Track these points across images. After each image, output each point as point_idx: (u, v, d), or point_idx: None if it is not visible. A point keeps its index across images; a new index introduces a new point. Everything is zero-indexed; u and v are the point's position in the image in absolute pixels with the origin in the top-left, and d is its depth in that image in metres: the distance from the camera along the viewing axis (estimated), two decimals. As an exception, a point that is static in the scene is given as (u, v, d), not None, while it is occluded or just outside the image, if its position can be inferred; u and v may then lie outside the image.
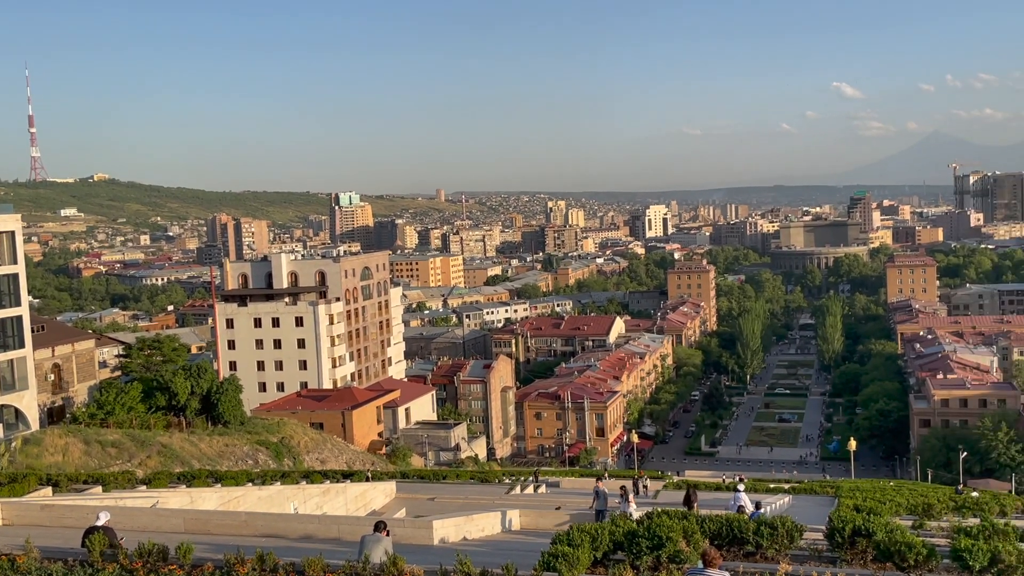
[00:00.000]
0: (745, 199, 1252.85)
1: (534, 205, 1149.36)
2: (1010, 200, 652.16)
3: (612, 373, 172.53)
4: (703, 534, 23.29)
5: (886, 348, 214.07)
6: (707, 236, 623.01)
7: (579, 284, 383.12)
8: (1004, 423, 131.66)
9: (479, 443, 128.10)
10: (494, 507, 43.91)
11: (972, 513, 44.83)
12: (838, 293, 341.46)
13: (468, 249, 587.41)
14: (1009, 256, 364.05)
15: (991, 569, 20.92)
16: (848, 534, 23.35)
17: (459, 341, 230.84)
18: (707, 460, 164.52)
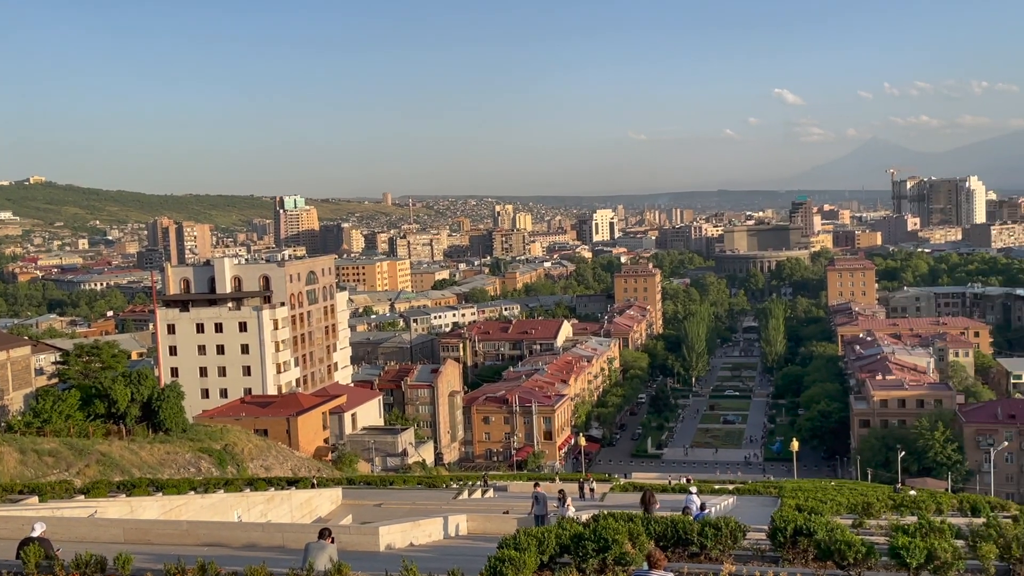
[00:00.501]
0: (690, 204, 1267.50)
1: (482, 209, 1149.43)
2: (945, 205, 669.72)
3: (560, 377, 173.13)
4: (649, 536, 23.46)
5: (827, 350, 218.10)
6: (653, 240, 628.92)
7: (527, 288, 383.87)
8: (940, 423, 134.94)
9: (427, 448, 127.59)
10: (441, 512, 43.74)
11: (910, 511, 45.78)
12: (780, 296, 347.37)
13: (415, 253, 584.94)
14: (944, 260, 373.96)
15: (927, 566, 21.40)
16: (790, 534, 23.72)
17: (406, 346, 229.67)
18: (654, 462, 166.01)
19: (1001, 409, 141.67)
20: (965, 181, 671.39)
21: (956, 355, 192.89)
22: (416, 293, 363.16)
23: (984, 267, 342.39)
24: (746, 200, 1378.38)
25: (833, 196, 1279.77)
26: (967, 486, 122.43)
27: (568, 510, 37.99)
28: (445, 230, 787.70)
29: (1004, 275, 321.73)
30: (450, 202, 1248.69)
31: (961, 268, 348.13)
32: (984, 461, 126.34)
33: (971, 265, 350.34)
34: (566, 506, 38.77)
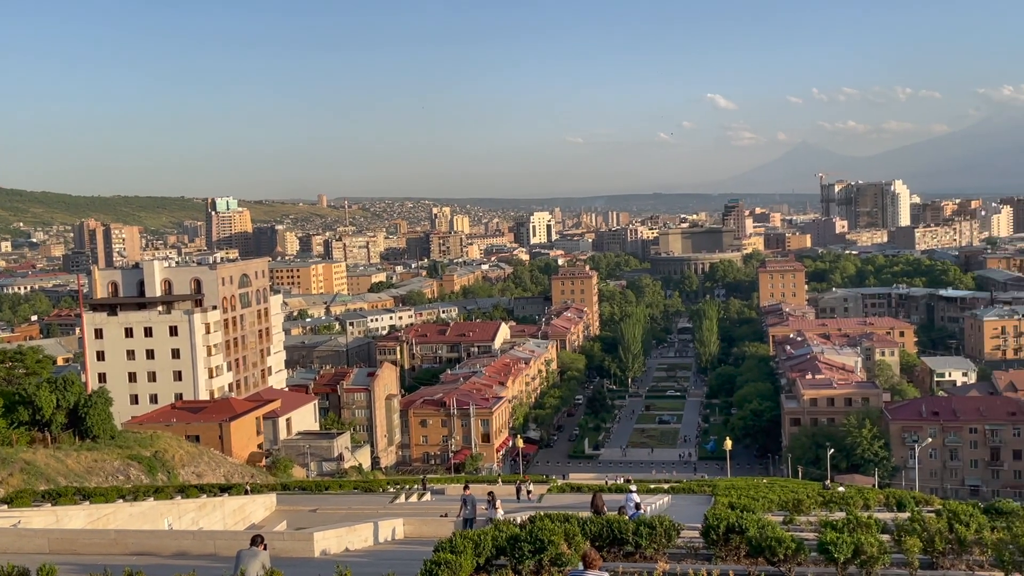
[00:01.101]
0: (626, 206, 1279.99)
1: (419, 211, 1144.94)
2: (872, 208, 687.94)
3: (497, 379, 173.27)
4: (584, 536, 23.63)
5: (759, 350, 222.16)
6: (590, 243, 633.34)
7: (464, 290, 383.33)
8: (868, 420, 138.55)
9: (363, 452, 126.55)
10: (378, 517, 43.42)
11: (839, 508, 46.83)
12: (714, 297, 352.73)
13: (351, 256, 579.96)
14: (871, 261, 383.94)
15: (854, 560, 21.96)
16: (723, 531, 24.11)
17: (342, 349, 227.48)
18: (591, 463, 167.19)
19: (925, 406, 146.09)
20: (890, 185, 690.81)
21: (882, 354, 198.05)
22: (352, 296, 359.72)
23: (909, 268, 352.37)
24: (681, 203, 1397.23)
25: (764, 199, 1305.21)
26: (893, 482, 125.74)
27: (497, 512, 37.84)
28: (382, 232, 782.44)
29: (927, 276, 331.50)
30: (387, 204, 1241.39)
31: (887, 269, 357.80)
32: (909, 457, 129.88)
33: (896, 267, 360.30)
34: (495, 508, 38.59)
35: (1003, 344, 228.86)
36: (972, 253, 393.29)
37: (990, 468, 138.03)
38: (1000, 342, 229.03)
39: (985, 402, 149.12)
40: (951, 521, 26.91)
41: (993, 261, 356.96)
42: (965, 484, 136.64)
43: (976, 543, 25.21)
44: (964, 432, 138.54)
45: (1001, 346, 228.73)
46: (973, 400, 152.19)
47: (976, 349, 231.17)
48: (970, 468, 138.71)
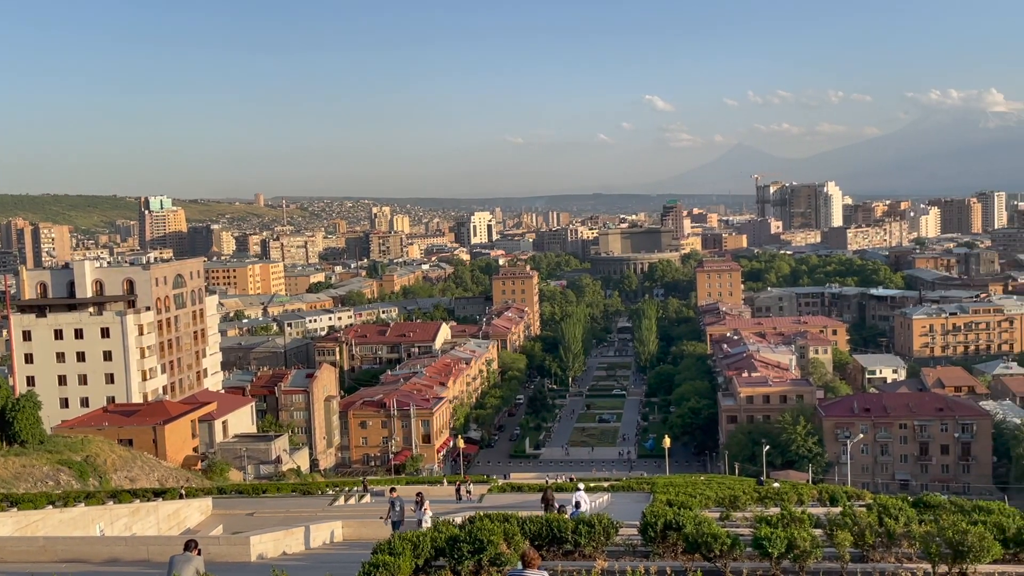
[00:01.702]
0: (566, 206, 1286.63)
1: (358, 211, 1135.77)
2: (805, 209, 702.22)
3: (438, 379, 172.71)
4: (524, 535, 23.68)
5: (697, 349, 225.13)
6: (530, 242, 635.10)
7: (405, 291, 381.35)
8: (802, 417, 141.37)
9: (302, 454, 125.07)
10: (316, 519, 43.06)
11: (774, 503, 47.67)
12: (653, 297, 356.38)
13: (289, 256, 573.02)
14: (805, 261, 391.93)
15: (788, 555, 22.37)
16: (660, 528, 24.37)
17: (280, 350, 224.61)
18: (531, 462, 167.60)
19: (857, 403, 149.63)
20: (823, 186, 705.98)
21: (816, 352, 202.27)
22: (290, 296, 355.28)
23: (841, 268, 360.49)
24: (620, 203, 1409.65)
25: (702, 200, 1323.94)
26: (827, 477, 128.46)
27: (426, 514, 37.55)
28: (320, 232, 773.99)
29: (859, 276, 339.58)
30: (325, 203, 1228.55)
31: (820, 269, 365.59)
32: (842, 453, 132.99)
33: (829, 266, 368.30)
34: (424, 510, 38.20)
35: (931, 342, 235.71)
36: (902, 253, 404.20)
37: (919, 463, 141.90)
38: (928, 340, 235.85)
39: (914, 398, 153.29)
40: (881, 515, 27.59)
41: (922, 261, 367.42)
42: (895, 479, 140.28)
43: (905, 536, 25.87)
44: (894, 428, 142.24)
45: (929, 344, 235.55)
46: (903, 396, 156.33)
47: (905, 347, 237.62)
48: (900, 463, 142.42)
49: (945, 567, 23.17)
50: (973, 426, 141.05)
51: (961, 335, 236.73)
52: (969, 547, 22.57)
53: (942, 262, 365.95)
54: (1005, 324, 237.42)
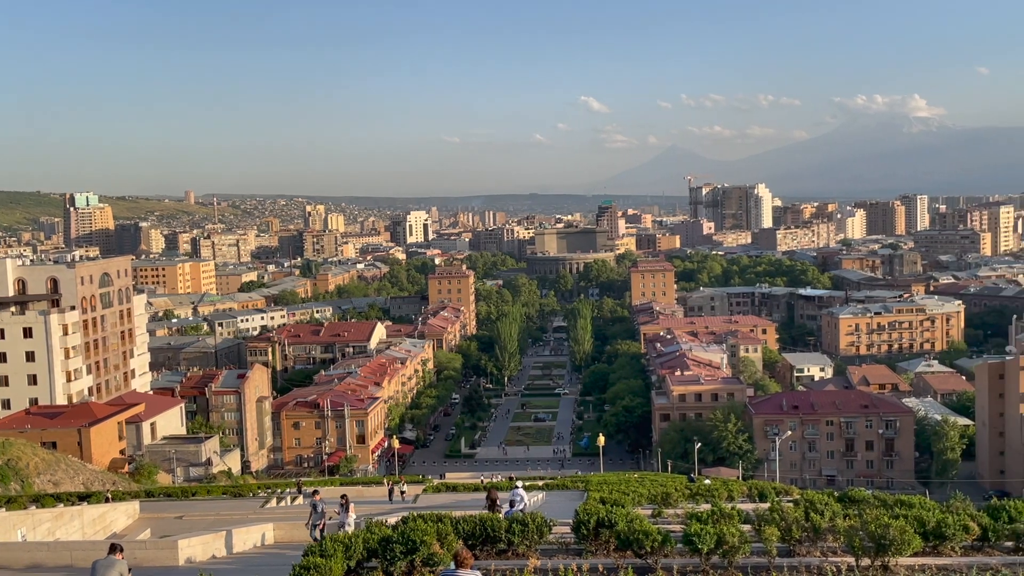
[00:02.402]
0: (503, 206, 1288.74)
1: (292, 209, 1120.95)
2: (737, 211, 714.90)
3: (373, 379, 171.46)
4: (457, 535, 23.63)
5: (631, 348, 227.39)
6: (467, 242, 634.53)
7: (339, 290, 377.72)
8: (733, 415, 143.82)
9: (233, 456, 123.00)
10: (247, 522, 42.39)
11: (705, 499, 48.43)
12: (588, 297, 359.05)
13: (221, 254, 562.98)
14: (736, 262, 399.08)
15: (717, 550, 22.74)
16: (593, 526, 24.55)
17: (211, 350, 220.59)
18: (467, 462, 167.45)
19: (786, 401, 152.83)
20: (754, 188, 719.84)
21: (746, 351, 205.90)
22: (221, 296, 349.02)
23: (771, 269, 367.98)
24: (556, 203, 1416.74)
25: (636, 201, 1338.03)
26: (756, 473, 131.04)
27: (349, 517, 36.95)
28: (253, 231, 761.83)
29: (788, 276, 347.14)
30: (258, 202, 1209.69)
31: (751, 270, 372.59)
32: (771, 449, 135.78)
33: (759, 267, 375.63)
34: (347, 513, 37.55)
35: (857, 340, 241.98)
36: (829, 254, 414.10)
37: (845, 458, 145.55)
38: (854, 339, 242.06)
39: (840, 396, 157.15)
40: (807, 510, 28.21)
41: (848, 262, 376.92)
42: (822, 474, 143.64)
43: (830, 530, 26.51)
44: (821, 425, 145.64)
45: (855, 342, 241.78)
46: (829, 394, 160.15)
47: (832, 345, 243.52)
48: (827, 459, 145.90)
49: (868, 560, 23.79)
50: (896, 423, 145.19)
51: (885, 334, 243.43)
52: (891, 540, 23.22)
53: (867, 263, 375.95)
54: (927, 323, 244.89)
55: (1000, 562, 25.17)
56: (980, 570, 23.38)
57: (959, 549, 26.71)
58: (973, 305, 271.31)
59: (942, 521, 26.81)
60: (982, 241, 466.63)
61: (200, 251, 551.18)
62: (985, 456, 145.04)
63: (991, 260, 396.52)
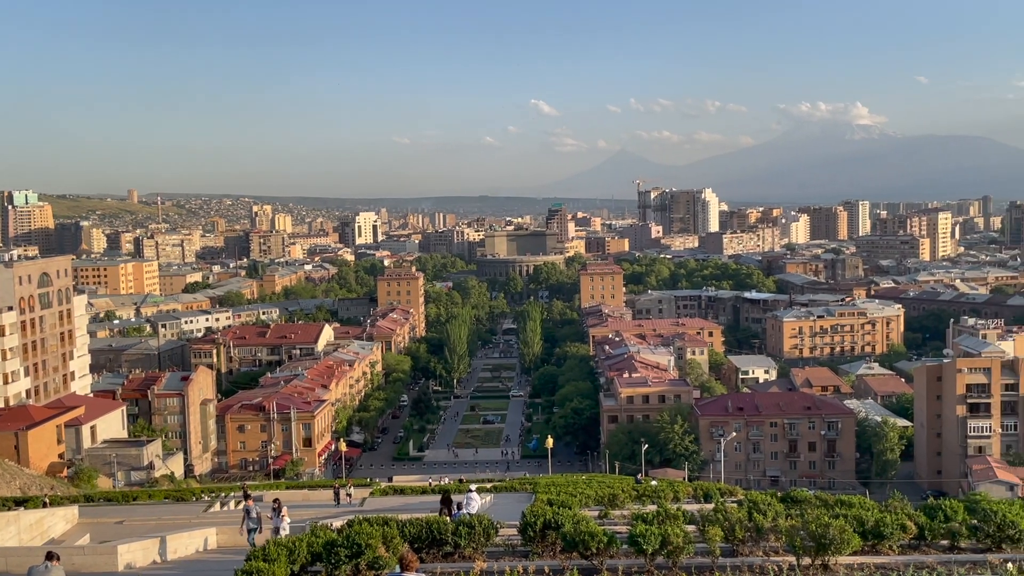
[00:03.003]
0: (453, 208, 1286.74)
1: (238, 209, 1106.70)
2: (684, 215, 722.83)
3: (320, 382, 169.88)
4: (403, 538, 23.51)
5: (580, 350, 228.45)
6: (416, 244, 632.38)
7: (286, 291, 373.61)
8: (679, 416, 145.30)
9: (176, 460, 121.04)
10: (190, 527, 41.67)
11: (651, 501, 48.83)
12: (538, 299, 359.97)
13: (165, 254, 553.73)
14: (683, 265, 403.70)
15: (662, 551, 22.95)
16: (539, 528, 24.61)
17: (154, 352, 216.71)
18: (415, 464, 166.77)
19: (731, 402, 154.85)
20: (701, 193, 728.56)
21: (693, 353, 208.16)
22: (165, 297, 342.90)
23: (717, 272, 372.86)
24: (506, 206, 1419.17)
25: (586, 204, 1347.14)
26: (702, 474, 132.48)
27: (283, 521, 36.17)
28: (198, 230, 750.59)
29: (734, 279, 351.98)
30: (203, 201, 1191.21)
31: (697, 273, 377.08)
32: (717, 450, 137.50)
33: (706, 270, 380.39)
34: (281, 517, 36.71)
35: (800, 343, 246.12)
36: (774, 258, 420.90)
37: (788, 459, 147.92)
38: (798, 341, 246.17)
39: (784, 398, 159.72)
40: (751, 510, 28.61)
41: (792, 266, 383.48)
42: (766, 475, 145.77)
43: (772, 530, 26.91)
44: (765, 426, 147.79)
45: (799, 345, 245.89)
46: (773, 396, 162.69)
47: (776, 348, 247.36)
48: (771, 460, 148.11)
49: (809, 559, 24.21)
50: (838, 424, 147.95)
51: (828, 337, 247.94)
52: (831, 540, 23.66)
53: (811, 267, 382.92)
54: (868, 326, 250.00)
55: (936, 560, 25.79)
56: (916, 568, 23.92)
57: (897, 548, 27.31)
58: (912, 309, 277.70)
59: (880, 520, 27.39)
60: (921, 246, 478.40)
61: (143, 251, 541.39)
62: (923, 456, 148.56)
63: (930, 265, 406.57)
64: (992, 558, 25.91)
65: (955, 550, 28.02)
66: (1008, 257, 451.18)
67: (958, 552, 27.69)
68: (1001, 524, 27.99)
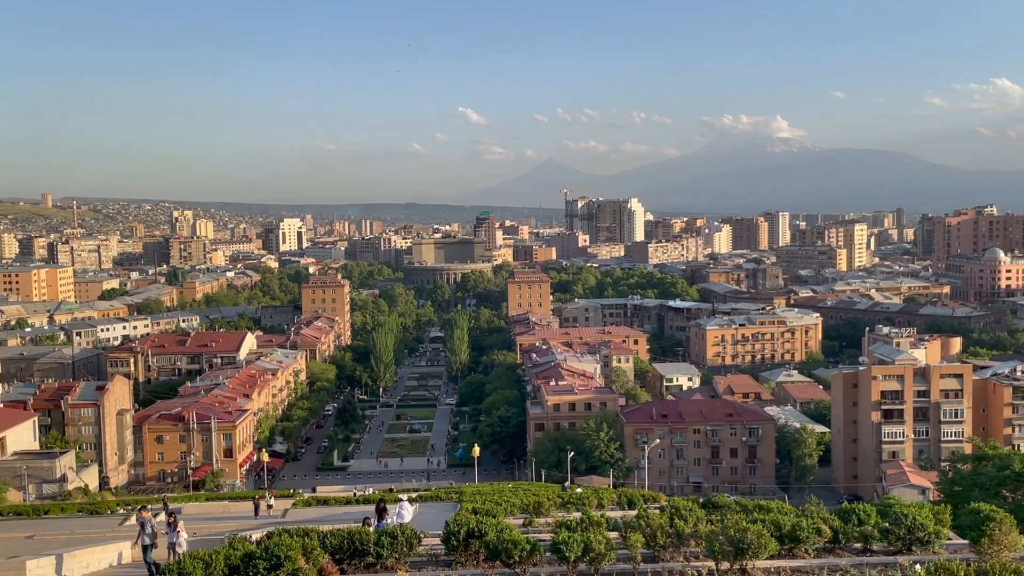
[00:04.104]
0: (380, 215, 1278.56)
1: (158, 214, 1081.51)
2: (611, 224, 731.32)
3: (242, 391, 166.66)
4: (324, 549, 23.15)
5: (507, 358, 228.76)
6: (342, 251, 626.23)
7: (208, 299, 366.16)
8: (605, 424, 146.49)
9: (90, 472, 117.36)
10: (104, 541, 40.43)
11: (576, 508, 49.15)
12: (465, 307, 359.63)
13: (80, 260, 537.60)
14: (610, 274, 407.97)
15: (584, 558, 23.08)
16: (463, 537, 24.52)
17: (68, 361, 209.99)
18: (340, 475, 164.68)
19: (655, 409, 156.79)
20: (627, 203, 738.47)
21: (619, 361, 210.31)
22: (80, 304, 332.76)
23: (643, 281, 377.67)
24: (434, 213, 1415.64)
25: (514, 212, 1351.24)
26: (628, 481, 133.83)
27: (179, 536, 34.74)
28: (115, 236, 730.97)
29: (659, 288, 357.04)
30: (121, 206, 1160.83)
31: (623, 282, 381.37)
32: (641, 457, 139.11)
33: (632, 279, 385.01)
34: (177, 532, 35.13)
35: (723, 351, 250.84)
36: (697, 267, 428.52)
37: (711, 465, 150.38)
38: (720, 349, 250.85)
39: (707, 405, 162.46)
40: (673, 516, 28.99)
41: (715, 275, 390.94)
42: (689, 481, 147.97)
43: (693, 536, 27.30)
44: (689, 433, 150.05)
45: (721, 353, 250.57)
46: (697, 403, 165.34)
47: (700, 355, 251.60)
48: (694, 466, 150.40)
49: (727, 564, 24.61)
50: (759, 430, 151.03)
51: (749, 345, 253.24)
52: (748, 544, 24.10)
53: (733, 276, 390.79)
54: (787, 335, 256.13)
55: (849, 563, 26.48)
56: (831, 571, 24.53)
57: (812, 551, 27.96)
58: (830, 317, 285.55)
59: (797, 525, 28.02)
60: (838, 257, 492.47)
61: (57, 257, 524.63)
62: (840, 461, 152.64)
63: (846, 275, 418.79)
64: (902, 560, 26.72)
65: (868, 553, 28.81)
66: (920, 268, 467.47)
67: (871, 555, 28.47)
68: (911, 527, 28.90)
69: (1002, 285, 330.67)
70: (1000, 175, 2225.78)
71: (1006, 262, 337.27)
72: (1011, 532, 28.16)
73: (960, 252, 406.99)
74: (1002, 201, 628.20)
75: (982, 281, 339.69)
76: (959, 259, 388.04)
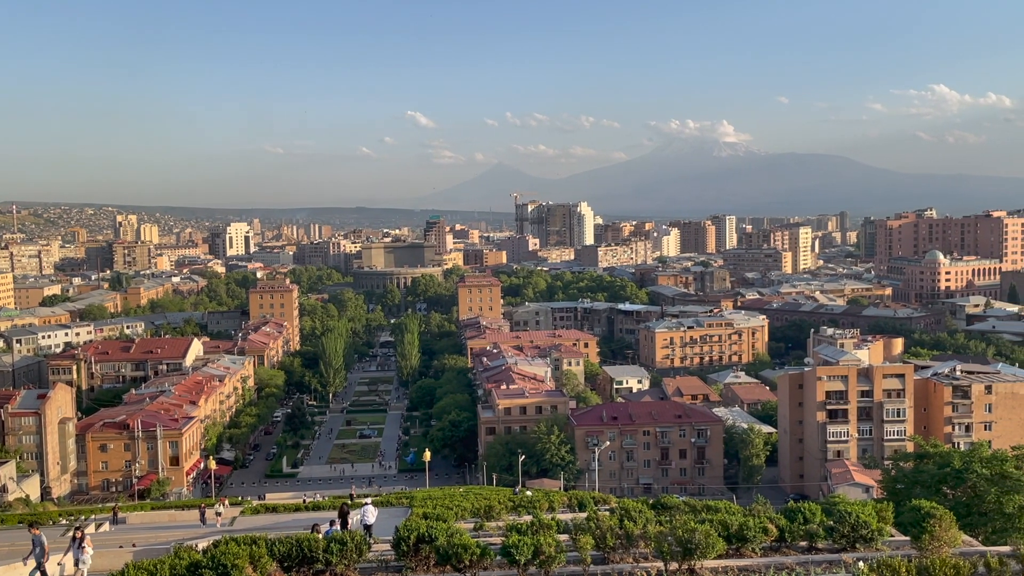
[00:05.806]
0: (328, 219, 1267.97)
1: (101, 219, 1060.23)
2: (561, 228, 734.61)
3: (188, 398, 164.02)
4: (272, 557, 22.92)
5: (458, 363, 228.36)
6: (291, 255, 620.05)
7: (153, 304, 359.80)
8: (556, 427, 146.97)
9: (31, 482, 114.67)
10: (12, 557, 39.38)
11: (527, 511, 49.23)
12: (416, 311, 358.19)
13: (20, 266, 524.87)
14: (560, 277, 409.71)
15: (534, 561, 23.15)
16: (413, 542, 24.44)
17: (7, 369, 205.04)
18: (289, 481, 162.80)
19: (606, 412, 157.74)
20: (577, 207, 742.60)
21: (569, 364, 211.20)
22: (20, 310, 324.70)
23: (592, 284, 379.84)
24: (383, 217, 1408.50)
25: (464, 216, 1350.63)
26: (578, 484, 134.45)
27: (84, 553, 33.40)
28: (57, 241, 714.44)
29: (608, 291, 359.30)
30: (63, 210, 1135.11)
31: (574, 285, 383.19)
32: (592, 460, 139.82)
33: (582, 282, 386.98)
34: (81, 548, 33.65)
35: (671, 353, 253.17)
36: (646, 271, 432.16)
37: (660, 467, 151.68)
38: (669, 351, 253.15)
39: (656, 407, 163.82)
40: (622, 518, 29.23)
41: (664, 278, 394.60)
42: (640, 483, 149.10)
43: (642, 537, 27.54)
44: (638, 435, 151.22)
45: (670, 355, 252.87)
46: (646, 405, 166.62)
47: (649, 358, 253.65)
48: (644, 468, 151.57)
49: (676, 564, 24.88)
50: (707, 431, 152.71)
51: (697, 347, 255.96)
52: (696, 544, 24.39)
53: (681, 279, 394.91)
54: (735, 336, 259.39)
55: (795, 561, 26.93)
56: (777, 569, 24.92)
57: (759, 550, 28.38)
58: (776, 319, 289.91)
59: (744, 524, 28.42)
60: (784, 259, 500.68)
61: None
62: (787, 461, 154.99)
63: (792, 277, 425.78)
64: (847, 557, 27.26)
65: (813, 551, 29.33)
66: (863, 270, 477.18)
67: (816, 552, 29.00)
68: (855, 525, 29.49)
69: (942, 286, 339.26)
70: (939, 179, 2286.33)
71: (945, 264, 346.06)
72: (950, 528, 28.91)
73: (901, 255, 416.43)
74: (941, 204, 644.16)
75: (923, 283, 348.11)
76: (900, 261, 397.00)
